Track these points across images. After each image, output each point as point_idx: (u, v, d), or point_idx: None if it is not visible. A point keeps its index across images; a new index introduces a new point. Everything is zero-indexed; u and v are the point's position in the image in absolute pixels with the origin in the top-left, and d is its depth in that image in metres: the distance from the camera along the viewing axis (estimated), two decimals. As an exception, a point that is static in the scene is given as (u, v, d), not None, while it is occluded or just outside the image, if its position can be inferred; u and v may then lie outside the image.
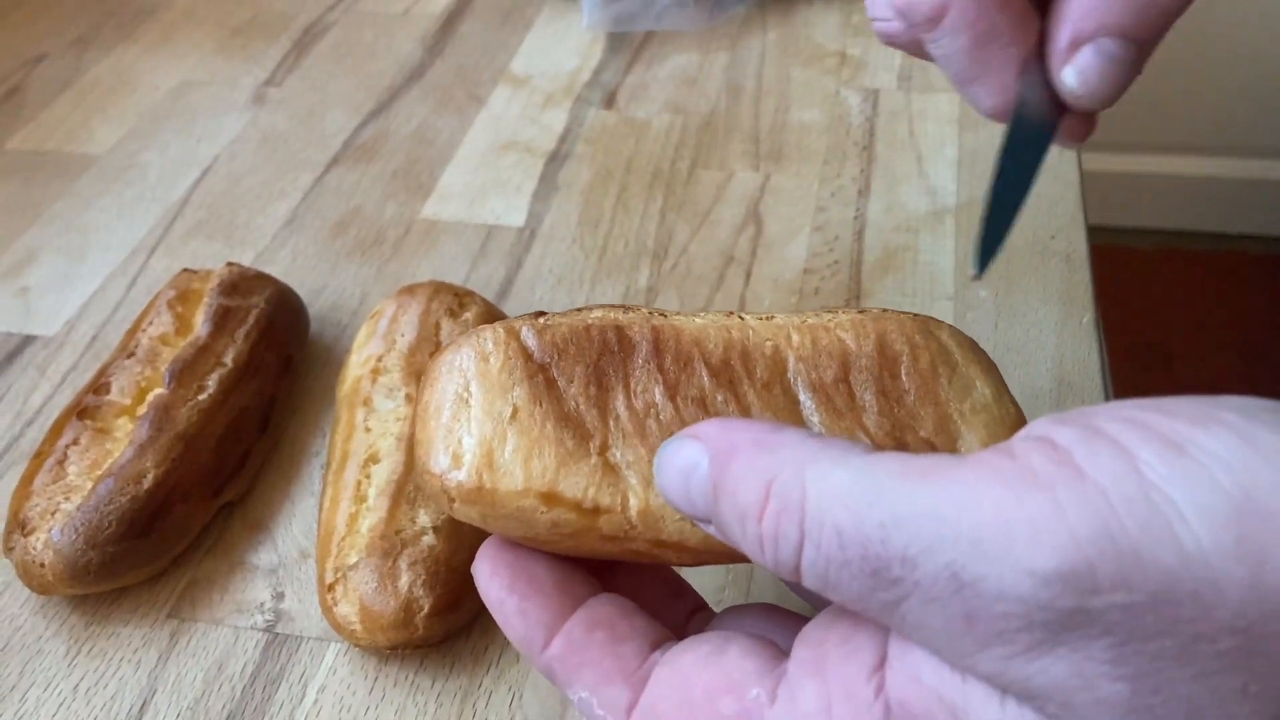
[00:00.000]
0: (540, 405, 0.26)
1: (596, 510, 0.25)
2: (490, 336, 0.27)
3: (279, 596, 0.37)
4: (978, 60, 0.27)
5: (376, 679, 0.35)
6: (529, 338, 0.27)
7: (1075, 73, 0.27)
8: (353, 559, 0.35)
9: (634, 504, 0.25)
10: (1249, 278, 1.55)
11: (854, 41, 0.65)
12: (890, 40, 0.30)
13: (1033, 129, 0.28)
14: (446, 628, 0.34)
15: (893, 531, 0.19)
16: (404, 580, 0.34)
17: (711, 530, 0.23)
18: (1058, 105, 0.28)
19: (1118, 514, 0.18)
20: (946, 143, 0.56)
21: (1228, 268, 1.56)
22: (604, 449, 0.26)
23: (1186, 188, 1.55)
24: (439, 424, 0.26)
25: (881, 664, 0.21)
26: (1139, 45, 0.27)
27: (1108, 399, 0.42)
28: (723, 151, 0.57)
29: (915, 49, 0.30)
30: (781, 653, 0.24)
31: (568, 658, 0.25)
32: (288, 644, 0.36)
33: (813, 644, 0.23)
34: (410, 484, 0.36)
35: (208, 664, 0.35)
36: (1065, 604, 0.18)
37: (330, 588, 0.35)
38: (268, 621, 0.36)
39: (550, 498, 0.25)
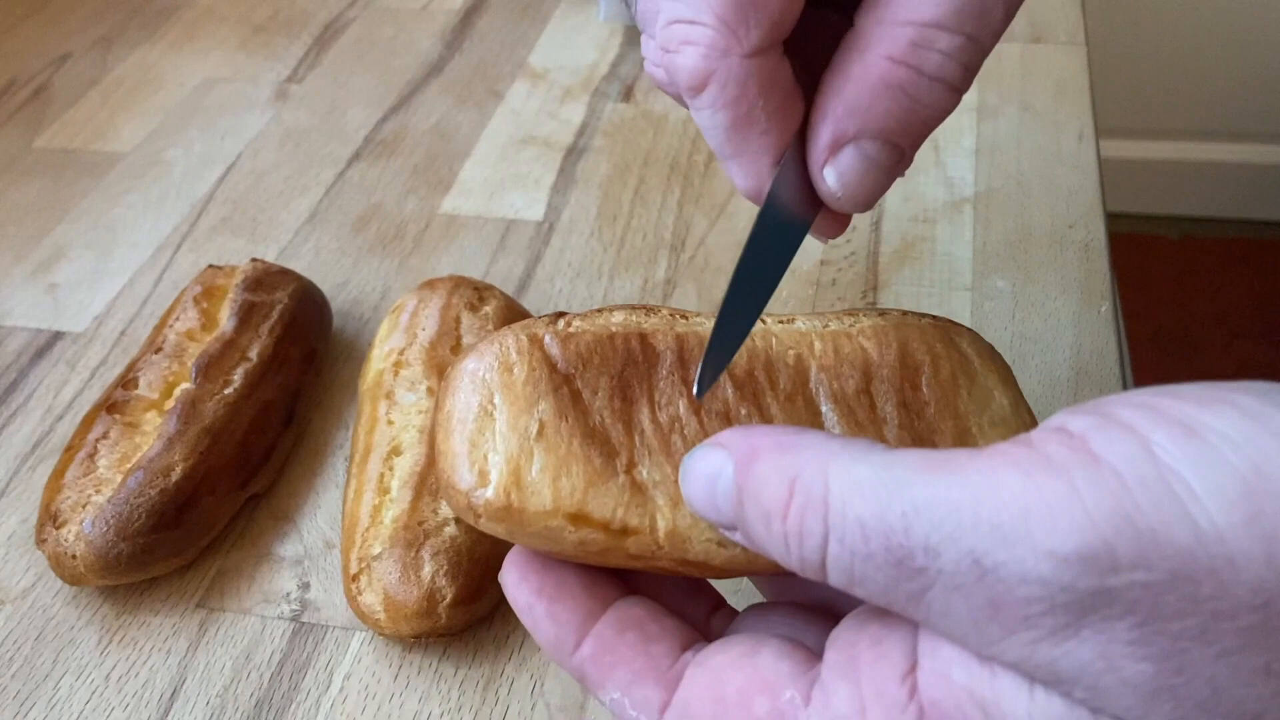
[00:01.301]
0: (566, 420, 0.26)
1: (625, 531, 0.25)
2: (514, 345, 0.26)
3: (305, 586, 0.38)
4: (733, 140, 0.26)
5: (401, 667, 0.35)
6: (553, 347, 0.26)
7: (835, 174, 0.26)
8: (376, 549, 0.35)
9: (662, 525, 0.25)
10: (1272, 264, 1.53)
11: (871, 32, 0.65)
12: (659, 86, 0.29)
13: (784, 222, 0.27)
14: (469, 616, 0.35)
15: (914, 520, 0.19)
16: (427, 570, 0.35)
17: (737, 537, 0.23)
18: (814, 199, 0.27)
19: (1133, 495, 0.18)
20: (964, 132, 0.56)
21: (1251, 254, 1.54)
22: (630, 466, 0.25)
23: (1209, 174, 1.54)
24: (463, 437, 0.26)
25: (913, 667, 0.21)
26: (900, 151, 0.26)
27: (1126, 389, 0.43)
28: (740, 143, 0.57)
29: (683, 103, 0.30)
30: (813, 655, 0.24)
31: (599, 659, 0.25)
32: (314, 633, 0.36)
33: (844, 647, 0.23)
34: (432, 476, 0.37)
35: (236, 653, 0.36)
36: (1086, 584, 0.18)
37: (355, 578, 0.35)
38: (294, 611, 0.37)
39: (578, 518, 0.25)
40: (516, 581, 0.26)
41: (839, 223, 0.28)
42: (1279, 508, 0.17)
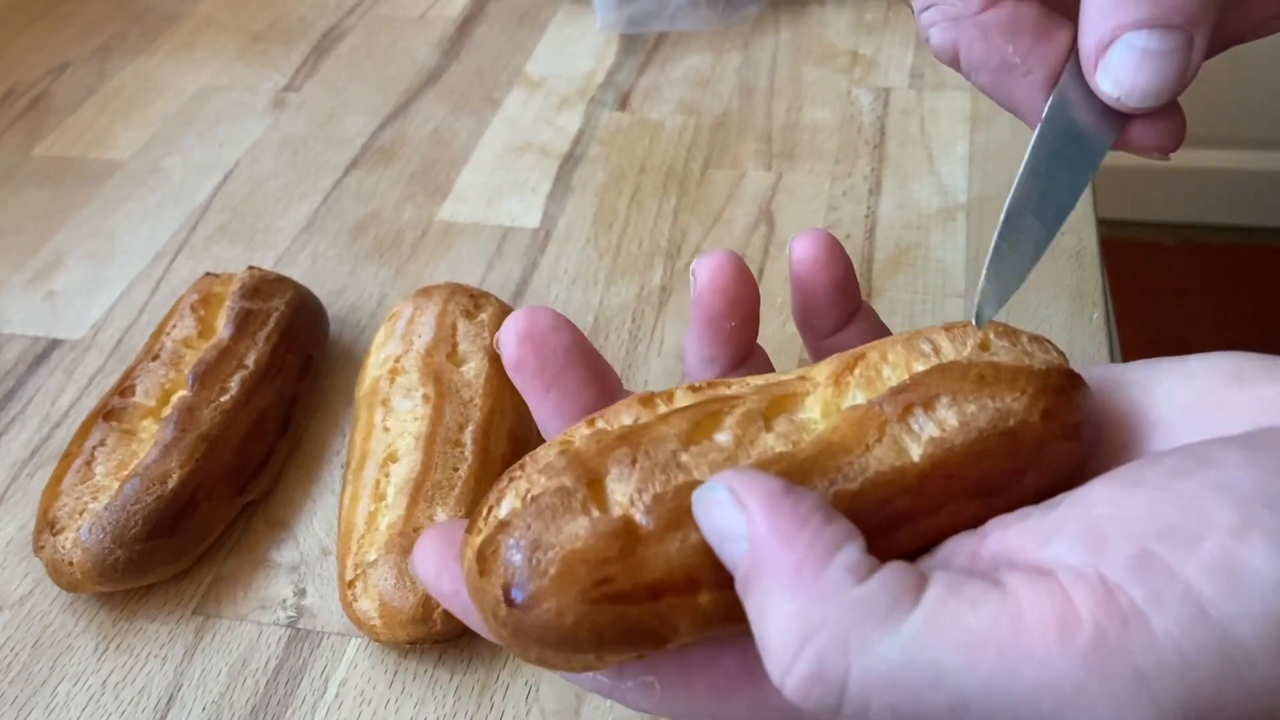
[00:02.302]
0: None
1: None
2: None
3: (301, 593, 0.38)
4: (1000, 92, 0.27)
5: (396, 673, 0.35)
6: None
7: (1107, 77, 0.25)
8: (372, 556, 0.36)
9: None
10: (1270, 270, 1.54)
11: (866, 41, 0.65)
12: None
13: (1075, 139, 0.26)
14: (463, 623, 0.35)
15: (963, 714, 0.19)
16: (422, 576, 0.35)
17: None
18: (1114, 113, 0.26)
19: (1196, 673, 0.18)
20: (957, 140, 0.57)
21: (1249, 261, 1.55)
22: None
23: (1207, 181, 1.54)
24: None
25: None
26: (1178, 30, 0.25)
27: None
28: (735, 151, 0.58)
29: None
30: None
31: None
32: (309, 639, 0.37)
33: None
34: (428, 482, 0.37)
35: (232, 659, 0.36)
36: None
37: (350, 584, 0.36)
38: (290, 617, 0.37)
39: None
40: (435, 574, 0.24)
41: (1160, 132, 0.27)
42: None
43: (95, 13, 0.74)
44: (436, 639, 0.35)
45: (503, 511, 0.23)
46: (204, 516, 0.38)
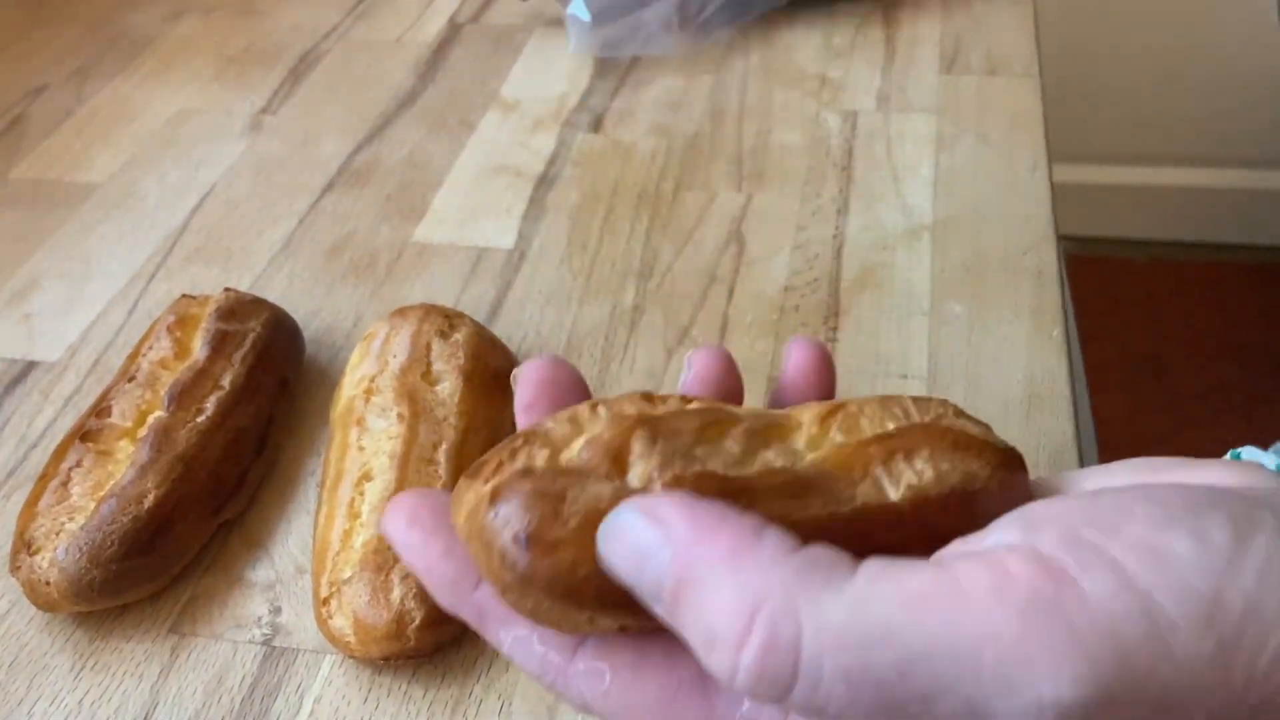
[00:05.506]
0: None
1: None
2: None
3: (276, 611, 0.38)
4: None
5: (370, 689, 0.36)
6: None
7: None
8: (347, 573, 0.36)
9: None
10: (1241, 287, 1.56)
11: (834, 65, 0.67)
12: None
13: None
14: (437, 639, 0.36)
15: (909, 672, 0.19)
16: (396, 593, 0.35)
17: (656, 612, 0.21)
18: None
19: (1124, 635, 0.19)
20: (922, 162, 0.58)
21: (1220, 277, 1.57)
22: None
23: (1179, 199, 1.57)
24: None
25: None
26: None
27: (1077, 411, 0.44)
28: (706, 173, 0.59)
29: None
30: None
31: None
32: (284, 656, 0.37)
33: None
34: (402, 501, 0.38)
35: (208, 677, 0.36)
36: None
37: (325, 601, 0.36)
38: (265, 635, 0.38)
39: None
40: (406, 524, 0.24)
41: None
42: (1237, 637, 0.19)
43: (72, 36, 0.74)
44: (410, 655, 0.35)
45: (520, 465, 0.23)
46: (180, 536, 0.39)
